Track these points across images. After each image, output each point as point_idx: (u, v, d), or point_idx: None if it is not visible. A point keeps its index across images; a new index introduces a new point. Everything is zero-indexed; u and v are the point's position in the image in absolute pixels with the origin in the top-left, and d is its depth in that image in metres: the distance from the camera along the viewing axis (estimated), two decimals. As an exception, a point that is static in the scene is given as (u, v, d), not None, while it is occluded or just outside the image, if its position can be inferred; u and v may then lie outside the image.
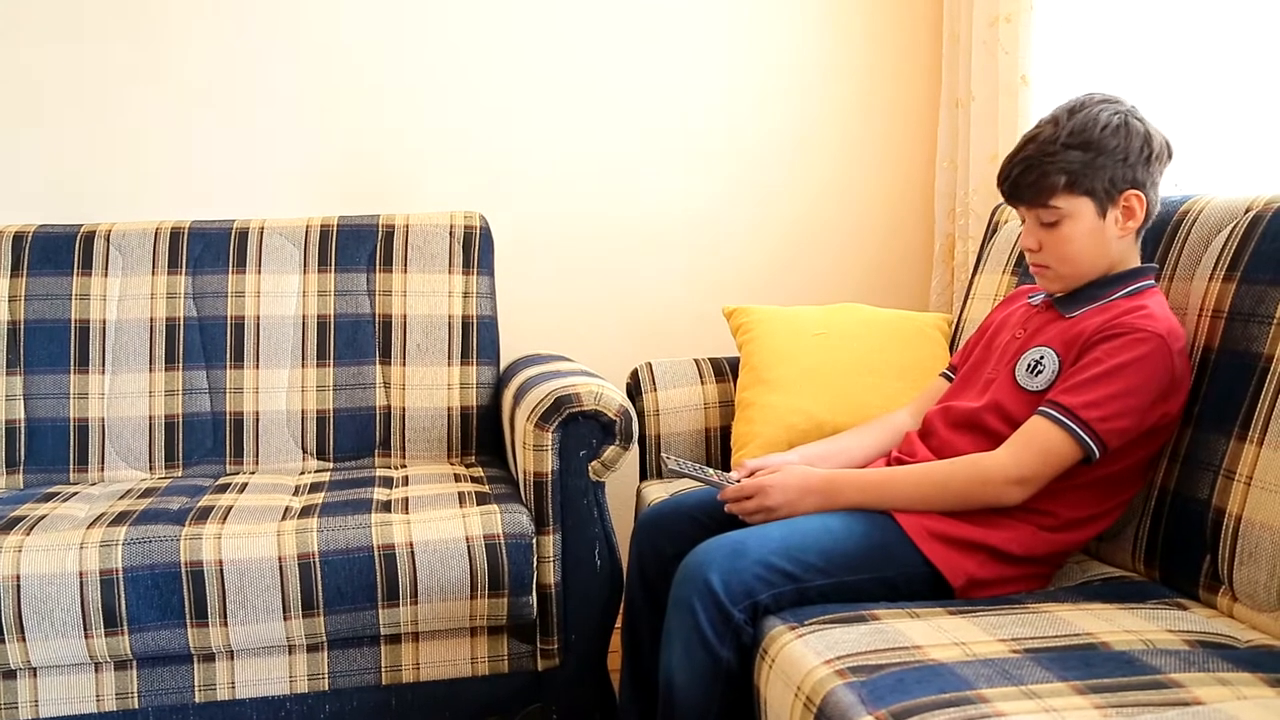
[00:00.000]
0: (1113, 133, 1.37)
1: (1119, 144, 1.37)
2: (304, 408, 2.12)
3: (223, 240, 2.16)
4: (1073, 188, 1.38)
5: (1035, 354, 1.43)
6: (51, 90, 2.28)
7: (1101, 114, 1.39)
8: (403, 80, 2.39)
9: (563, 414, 1.74)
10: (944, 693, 1.05)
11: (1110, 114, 1.39)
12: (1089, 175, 1.37)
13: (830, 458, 1.58)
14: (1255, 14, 1.80)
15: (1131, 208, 1.39)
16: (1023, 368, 1.43)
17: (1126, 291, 1.41)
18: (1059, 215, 1.40)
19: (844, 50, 2.54)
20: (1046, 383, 1.39)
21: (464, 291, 2.19)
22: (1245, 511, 1.27)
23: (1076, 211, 1.39)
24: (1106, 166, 1.37)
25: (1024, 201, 1.43)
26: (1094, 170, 1.37)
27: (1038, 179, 1.39)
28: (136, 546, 1.63)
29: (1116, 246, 1.42)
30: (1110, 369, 1.32)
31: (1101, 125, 1.38)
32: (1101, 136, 1.37)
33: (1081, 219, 1.39)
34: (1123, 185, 1.38)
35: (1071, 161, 1.38)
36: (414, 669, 1.75)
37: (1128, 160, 1.38)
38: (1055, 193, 1.39)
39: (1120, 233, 1.40)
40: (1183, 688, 1.05)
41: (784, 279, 2.57)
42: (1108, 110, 1.39)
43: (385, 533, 1.69)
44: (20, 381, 2.06)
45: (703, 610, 1.29)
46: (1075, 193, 1.38)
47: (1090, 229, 1.40)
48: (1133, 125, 1.39)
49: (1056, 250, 1.42)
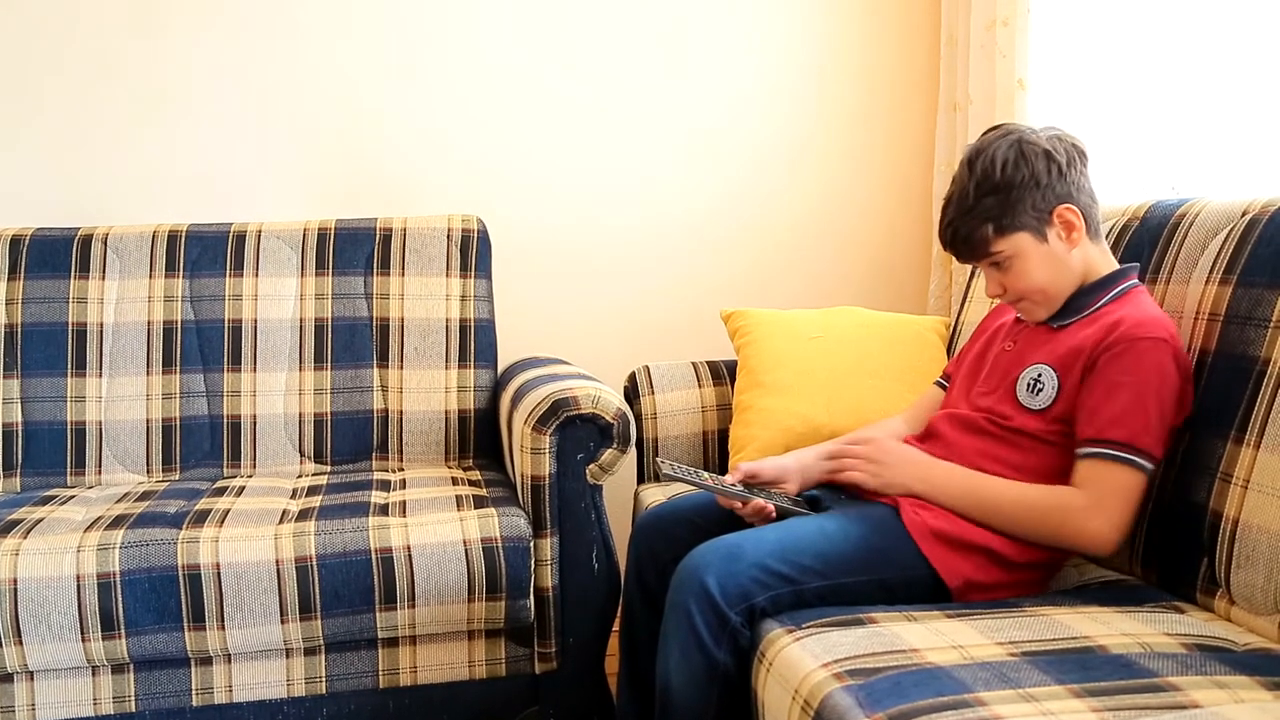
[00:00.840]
0: (1014, 167, 1.39)
1: (1024, 174, 1.39)
2: (301, 411, 2.12)
3: (220, 243, 2.16)
4: (1002, 230, 1.41)
5: (1033, 372, 1.43)
6: (50, 92, 2.28)
7: (997, 154, 1.41)
8: (401, 83, 2.39)
9: (560, 417, 1.74)
10: (941, 696, 1.04)
11: (1005, 149, 1.40)
12: (1011, 213, 1.40)
13: (825, 463, 1.58)
14: (1250, 18, 1.80)
15: (1068, 221, 1.41)
16: (1022, 387, 1.43)
17: (1110, 297, 1.43)
18: (1005, 258, 1.42)
19: (842, 54, 2.54)
20: (1049, 400, 1.40)
21: (461, 295, 2.19)
22: (1242, 515, 1.27)
23: (1018, 249, 1.41)
24: (1023, 198, 1.40)
25: (969, 259, 1.46)
26: (1013, 207, 1.40)
27: (968, 235, 1.42)
28: (134, 550, 1.63)
29: (1076, 258, 1.43)
30: (1135, 387, 1.32)
31: (1000, 164, 1.40)
32: (1006, 176, 1.39)
33: (1028, 253, 1.42)
34: (1049, 205, 1.40)
35: (989, 209, 1.40)
36: (411, 672, 1.75)
37: (1040, 184, 1.40)
38: (989, 241, 1.41)
39: (1069, 245, 1.42)
40: (1180, 691, 1.05)
41: (782, 282, 2.57)
42: (1002, 147, 1.41)
43: (383, 536, 1.68)
44: (17, 385, 2.06)
45: (699, 613, 1.28)
46: (1007, 233, 1.41)
47: (1041, 256, 1.42)
48: (1028, 150, 1.40)
49: (1019, 287, 1.44)
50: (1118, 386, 1.33)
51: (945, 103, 2.44)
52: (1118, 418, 1.32)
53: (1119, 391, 1.33)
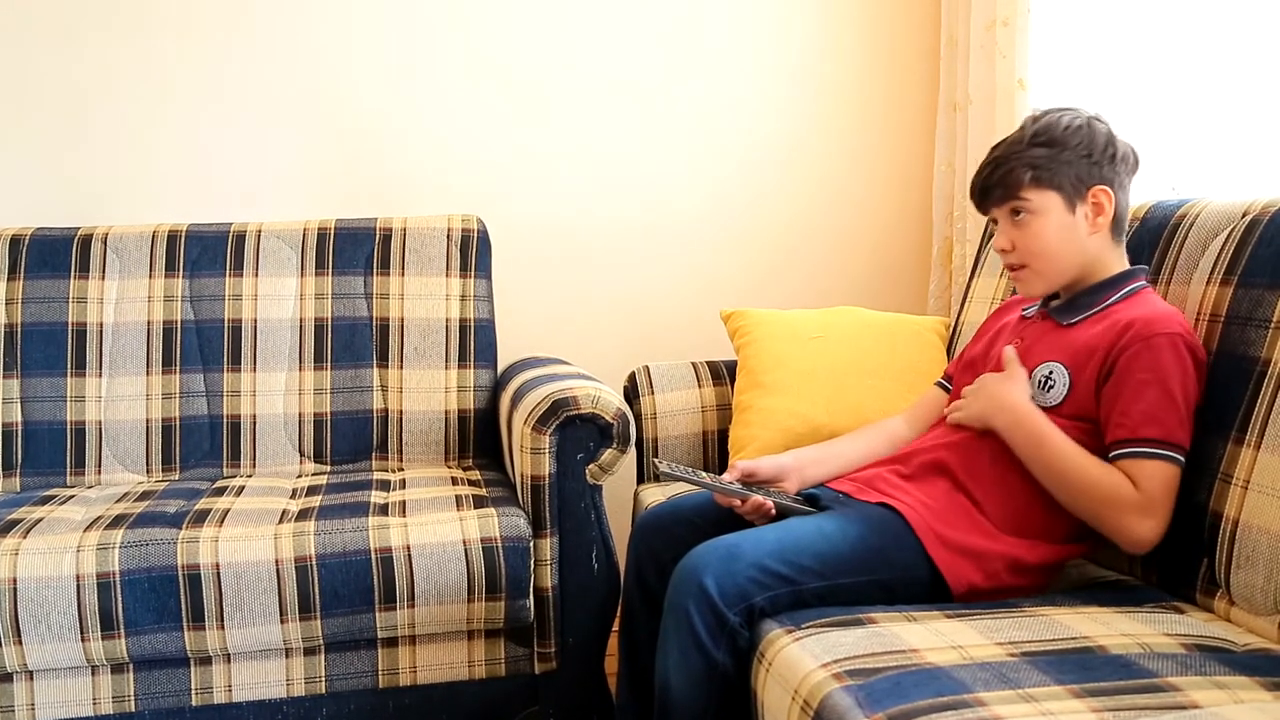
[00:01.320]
0: (1074, 131, 1.43)
1: (1081, 141, 1.42)
2: (301, 411, 2.12)
3: (220, 243, 2.16)
4: (1039, 182, 1.42)
5: (1044, 369, 1.43)
6: (50, 92, 2.28)
7: (1063, 117, 1.45)
8: (400, 83, 2.39)
9: (560, 417, 1.74)
10: (941, 696, 1.04)
11: (1072, 117, 1.45)
12: (1054, 169, 1.42)
13: (825, 462, 1.59)
14: (1250, 18, 1.80)
15: (1100, 204, 1.42)
16: (1034, 385, 1.43)
17: (1120, 296, 1.43)
18: (1028, 209, 1.43)
19: (842, 54, 2.54)
20: (1060, 397, 1.40)
21: (461, 294, 2.19)
22: (1243, 515, 1.27)
23: (1045, 206, 1.42)
24: (1071, 162, 1.42)
25: (994, 199, 1.47)
26: (1059, 165, 1.42)
27: (1005, 175, 1.44)
28: (133, 550, 1.63)
29: (1090, 244, 1.44)
30: (1161, 384, 1.32)
31: (1064, 125, 1.43)
32: (1064, 134, 1.42)
33: (1051, 214, 1.42)
34: (1090, 181, 1.42)
35: (1037, 157, 1.42)
36: (411, 672, 1.75)
37: (1091, 157, 1.42)
38: (1023, 186, 1.43)
39: (1091, 229, 1.43)
40: (1179, 691, 1.05)
41: (781, 282, 2.57)
42: (1069, 114, 1.45)
43: (382, 536, 1.68)
44: (17, 384, 2.06)
45: (698, 614, 1.28)
46: (1042, 186, 1.42)
47: (1060, 224, 1.42)
48: (1095, 126, 1.44)
49: (1028, 247, 1.44)
50: (1144, 385, 1.33)
51: (945, 103, 2.44)
52: (1150, 416, 1.32)
53: (1145, 390, 1.33)
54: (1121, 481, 1.32)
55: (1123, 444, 1.33)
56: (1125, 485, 1.32)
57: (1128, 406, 1.34)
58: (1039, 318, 1.51)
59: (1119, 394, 1.35)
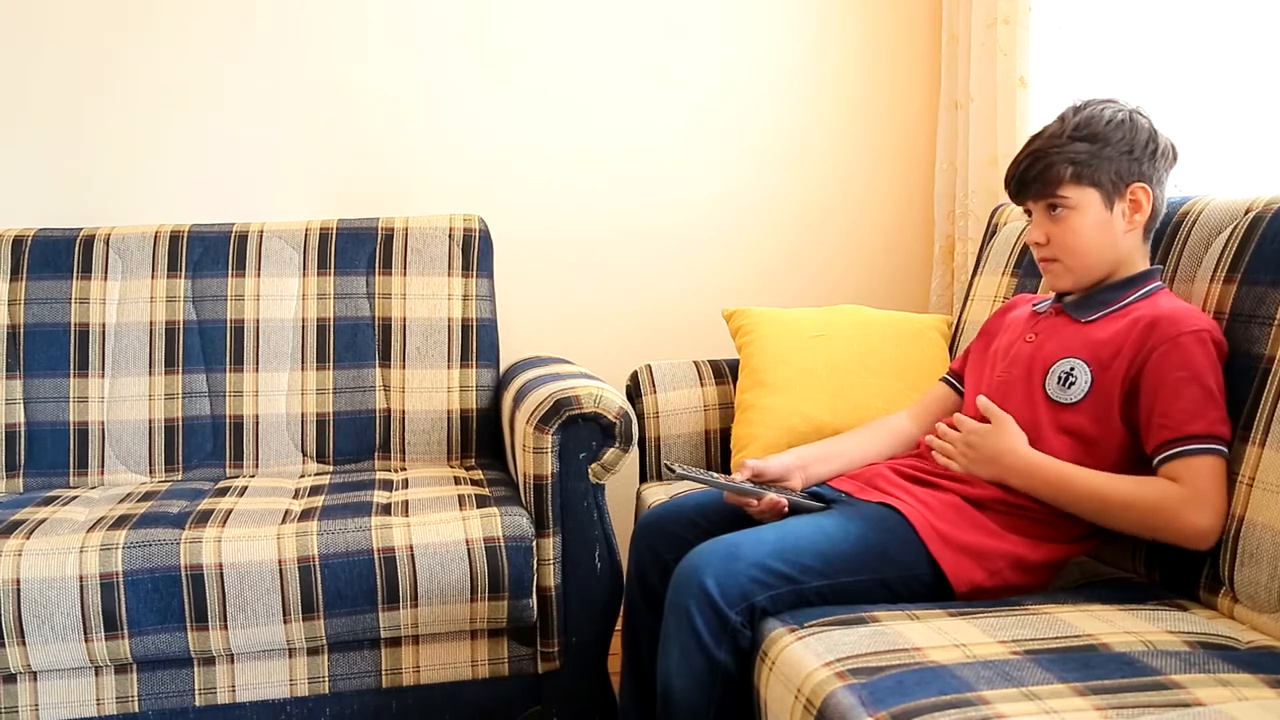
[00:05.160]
0: (1116, 126, 1.41)
1: (1123, 136, 1.40)
2: (304, 411, 2.12)
3: (222, 243, 2.16)
4: (1079, 178, 1.40)
5: (1065, 365, 1.41)
6: (52, 92, 2.28)
7: (1106, 110, 1.42)
8: (401, 82, 2.39)
9: (562, 416, 1.74)
10: (944, 694, 1.04)
11: (1114, 110, 1.42)
12: (1095, 166, 1.40)
13: (828, 460, 1.59)
14: (1253, 15, 1.80)
15: (1138, 201, 1.41)
16: (1053, 380, 1.42)
17: (1137, 296, 1.42)
18: (1066, 205, 1.41)
19: (843, 52, 2.54)
20: (1081, 393, 1.39)
21: (463, 294, 2.19)
22: (1247, 513, 1.27)
23: (1083, 203, 1.41)
24: (1112, 158, 1.40)
25: (1031, 193, 1.45)
26: (1100, 161, 1.40)
27: (1044, 170, 1.42)
28: (136, 550, 1.63)
29: (1124, 242, 1.43)
30: (1197, 380, 1.31)
31: (1106, 120, 1.41)
32: (1106, 129, 1.40)
33: (1089, 210, 1.41)
34: (1129, 178, 1.41)
35: (1078, 152, 1.40)
36: (414, 672, 1.75)
37: (1132, 153, 1.40)
38: (1062, 182, 1.41)
39: (1128, 226, 1.42)
40: (1183, 689, 1.05)
41: (783, 281, 2.57)
42: (1112, 108, 1.43)
43: (385, 536, 1.68)
44: (20, 385, 2.06)
45: (699, 614, 1.28)
46: (1082, 183, 1.40)
47: (1098, 221, 1.41)
48: (1137, 121, 1.42)
49: (1064, 242, 1.43)
50: (1181, 384, 1.32)
51: (946, 101, 2.44)
52: (1192, 412, 1.31)
53: (1184, 388, 1.31)
54: (1161, 485, 1.31)
55: (1168, 445, 1.31)
56: (1167, 487, 1.30)
57: (1168, 408, 1.32)
58: (1053, 313, 1.50)
59: (1156, 397, 1.33)
